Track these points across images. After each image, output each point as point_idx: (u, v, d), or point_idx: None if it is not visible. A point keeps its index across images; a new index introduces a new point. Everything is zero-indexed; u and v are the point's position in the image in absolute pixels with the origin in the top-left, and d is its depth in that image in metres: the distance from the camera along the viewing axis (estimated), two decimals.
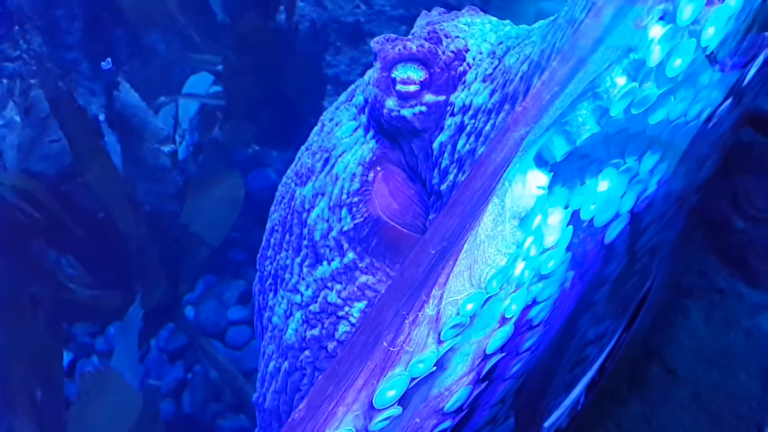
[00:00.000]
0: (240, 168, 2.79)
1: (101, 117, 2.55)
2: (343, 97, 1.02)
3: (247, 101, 2.70)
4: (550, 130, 0.63)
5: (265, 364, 1.10)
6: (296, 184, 1.02)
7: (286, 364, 1.03)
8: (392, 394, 0.65)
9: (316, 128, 1.04)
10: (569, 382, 1.09)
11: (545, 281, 0.74)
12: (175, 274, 2.39)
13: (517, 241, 0.65)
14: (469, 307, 0.65)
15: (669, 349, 1.20)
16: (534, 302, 0.75)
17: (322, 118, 1.04)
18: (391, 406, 0.66)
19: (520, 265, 0.68)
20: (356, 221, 0.91)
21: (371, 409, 0.65)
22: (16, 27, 2.87)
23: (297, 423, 0.65)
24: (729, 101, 0.78)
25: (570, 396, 1.11)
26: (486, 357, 0.72)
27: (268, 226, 1.09)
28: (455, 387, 0.72)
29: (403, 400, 0.67)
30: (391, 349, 0.64)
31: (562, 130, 0.64)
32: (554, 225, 0.69)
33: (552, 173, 0.67)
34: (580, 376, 1.11)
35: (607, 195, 0.73)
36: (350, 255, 0.93)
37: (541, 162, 0.66)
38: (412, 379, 0.66)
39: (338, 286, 0.95)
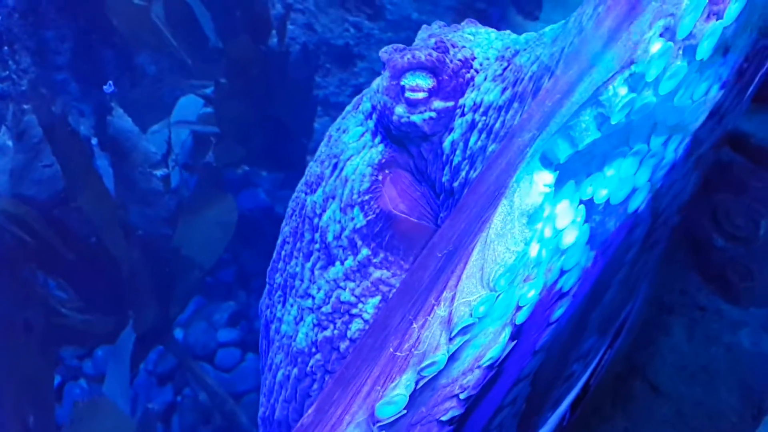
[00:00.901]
0: (230, 188, 2.83)
1: (94, 141, 2.56)
2: (349, 107, 1.05)
3: (238, 123, 2.74)
4: (555, 135, 0.67)
5: (272, 375, 1.11)
6: (306, 194, 1.04)
7: (295, 370, 1.04)
8: (399, 399, 0.67)
9: (323, 141, 1.06)
10: (556, 399, 1.11)
11: (566, 256, 0.78)
12: (166, 297, 2.40)
13: (526, 239, 0.68)
14: (482, 309, 0.67)
15: (652, 366, 1.22)
16: (561, 272, 0.78)
17: (328, 131, 1.06)
18: (399, 410, 0.68)
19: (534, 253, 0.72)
20: (369, 218, 0.94)
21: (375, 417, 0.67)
22: (5, 47, 2.91)
23: (306, 427, 0.67)
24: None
25: (556, 412, 1.13)
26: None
27: (279, 240, 1.12)
28: (466, 374, 0.73)
29: (410, 402, 0.68)
30: (398, 354, 0.66)
31: (566, 134, 0.68)
32: (565, 214, 0.74)
33: (557, 172, 0.70)
34: (565, 393, 1.13)
35: (618, 177, 0.77)
36: (364, 252, 0.95)
37: (546, 163, 0.69)
38: (421, 379, 0.68)
39: (351, 285, 0.96)
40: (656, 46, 0.64)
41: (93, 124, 2.93)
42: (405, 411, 0.68)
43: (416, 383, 0.68)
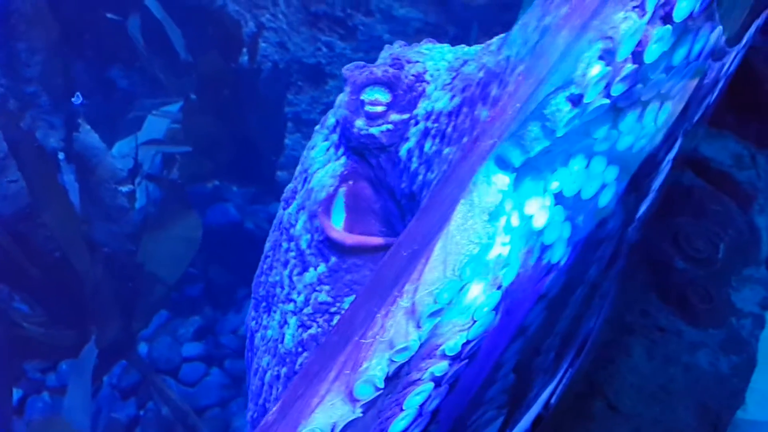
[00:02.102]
0: (199, 203, 2.80)
1: (61, 156, 2.52)
2: (318, 126, 1.09)
3: (207, 139, 2.72)
4: (507, 142, 0.69)
5: (259, 379, 1.14)
6: (284, 209, 1.09)
7: (284, 370, 1.08)
8: (375, 379, 0.66)
9: (301, 159, 1.11)
10: (517, 418, 1.09)
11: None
12: (129, 312, 2.36)
13: (488, 233, 0.69)
14: (446, 296, 0.67)
15: (611, 385, 1.21)
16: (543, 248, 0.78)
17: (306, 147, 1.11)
18: (373, 392, 0.67)
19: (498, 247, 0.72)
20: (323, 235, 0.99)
21: (351, 399, 0.66)
22: None
23: (269, 425, 0.65)
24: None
25: (517, 428, 1.12)
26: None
27: (263, 256, 1.15)
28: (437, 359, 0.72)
29: (385, 386, 0.68)
30: (363, 341, 0.65)
31: (517, 143, 0.69)
32: (536, 209, 0.74)
33: (515, 174, 0.71)
34: (524, 412, 1.11)
35: (587, 173, 0.77)
36: (333, 259, 1.00)
37: (503, 165, 0.70)
38: (392, 364, 0.67)
39: (326, 287, 1.01)
40: (596, 69, 0.65)
41: (62, 137, 2.87)
42: (380, 392, 0.67)
43: (388, 367, 0.67)
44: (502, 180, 0.71)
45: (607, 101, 0.68)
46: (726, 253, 1.08)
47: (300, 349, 1.05)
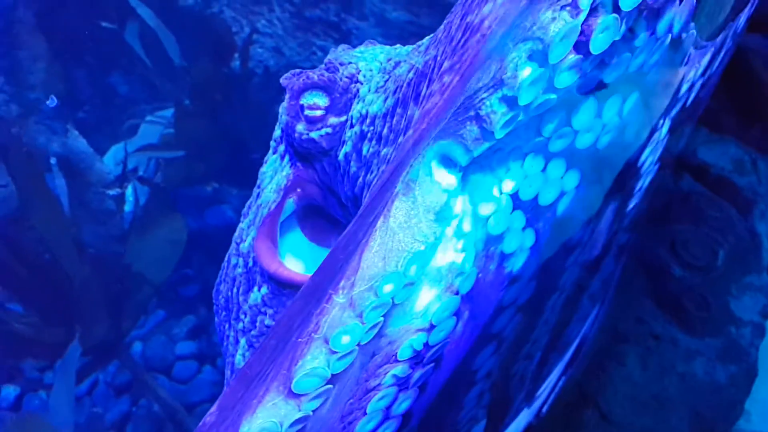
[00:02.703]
0: (198, 205, 2.72)
1: (53, 160, 2.46)
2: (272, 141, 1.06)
3: (198, 143, 2.64)
4: (449, 140, 0.63)
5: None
6: (241, 222, 1.05)
7: None
8: (314, 374, 0.62)
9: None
10: (506, 424, 1.03)
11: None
12: (118, 312, 2.31)
13: (434, 233, 0.64)
14: (388, 288, 0.62)
15: (603, 395, 1.12)
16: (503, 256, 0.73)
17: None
18: (316, 388, 0.62)
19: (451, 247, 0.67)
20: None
21: (292, 396, 0.61)
22: None
23: (209, 427, 0.60)
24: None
25: None
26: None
27: (223, 263, 1.11)
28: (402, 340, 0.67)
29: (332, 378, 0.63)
30: (300, 340, 0.61)
31: (459, 142, 0.63)
32: (490, 211, 0.68)
33: (461, 173, 0.66)
34: (512, 418, 1.05)
35: (545, 176, 0.71)
36: (274, 282, 0.94)
37: (448, 163, 0.65)
38: (333, 353, 0.62)
39: (270, 311, 0.96)
40: (526, 71, 0.59)
41: (63, 142, 2.82)
42: (325, 386, 0.63)
43: (327, 361, 0.62)
44: (448, 179, 0.65)
45: (552, 96, 0.61)
46: (725, 260, 0.97)
47: None
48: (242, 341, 1.01)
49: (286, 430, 0.61)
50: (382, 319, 0.64)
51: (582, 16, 0.57)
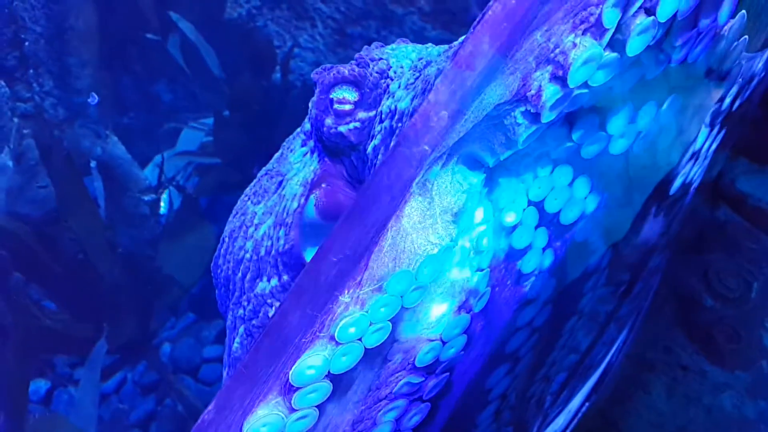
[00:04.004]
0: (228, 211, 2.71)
1: (93, 164, 2.48)
2: (298, 129, 1.03)
3: (235, 152, 2.64)
4: (476, 144, 0.61)
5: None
6: (253, 203, 1.01)
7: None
8: (312, 372, 0.59)
9: (276, 154, 1.03)
10: None
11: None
12: (147, 312, 2.31)
13: (451, 235, 0.62)
14: (397, 287, 0.60)
15: (627, 423, 1.07)
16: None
17: (283, 144, 1.03)
18: (314, 382, 0.59)
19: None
20: (286, 246, 0.90)
21: (291, 390, 0.59)
22: (31, 70, 2.83)
23: (207, 424, 0.58)
24: None
25: None
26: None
27: (222, 237, 1.07)
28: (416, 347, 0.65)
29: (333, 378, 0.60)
30: (303, 340, 0.58)
31: (486, 146, 0.61)
32: (512, 215, 0.66)
33: (485, 175, 0.64)
34: None
35: (572, 192, 0.68)
36: (285, 277, 0.92)
37: (473, 165, 0.63)
38: (339, 344, 0.59)
39: (276, 303, 0.93)
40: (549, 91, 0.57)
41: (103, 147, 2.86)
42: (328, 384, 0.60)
43: (330, 359, 0.59)
44: (471, 179, 0.63)
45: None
46: (759, 292, 0.91)
47: None
48: (240, 329, 0.98)
49: (291, 424, 0.59)
50: (390, 324, 0.61)
51: (606, 39, 0.56)
